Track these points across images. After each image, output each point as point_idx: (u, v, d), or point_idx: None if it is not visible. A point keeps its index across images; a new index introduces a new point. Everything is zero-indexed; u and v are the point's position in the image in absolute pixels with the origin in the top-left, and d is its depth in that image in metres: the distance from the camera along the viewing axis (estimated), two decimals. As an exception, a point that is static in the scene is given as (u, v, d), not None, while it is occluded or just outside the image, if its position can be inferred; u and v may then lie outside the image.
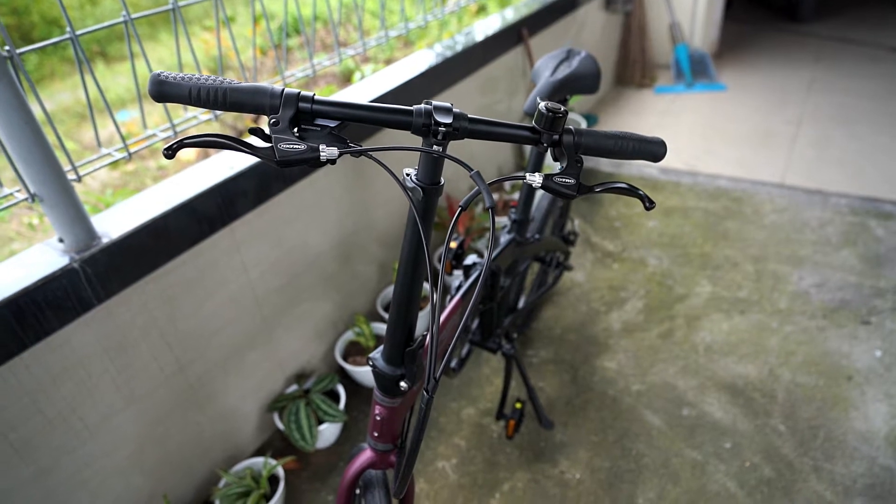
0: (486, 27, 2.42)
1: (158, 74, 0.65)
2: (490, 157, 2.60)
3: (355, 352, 1.86)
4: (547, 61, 1.38)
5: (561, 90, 1.29)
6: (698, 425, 1.69)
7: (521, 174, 0.73)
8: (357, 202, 1.83)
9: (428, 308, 1.99)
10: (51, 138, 1.10)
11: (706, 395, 1.77)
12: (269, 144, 0.66)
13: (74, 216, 1.15)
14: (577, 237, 1.98)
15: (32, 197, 1.10)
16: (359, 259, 1.91)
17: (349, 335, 1.88)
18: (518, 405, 1.57)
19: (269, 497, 1.47)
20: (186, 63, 3.43)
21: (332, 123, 0.69)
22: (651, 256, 2.34)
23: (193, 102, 0.66)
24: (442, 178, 0.77)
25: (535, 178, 0.73)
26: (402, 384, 0.90)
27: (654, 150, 0.77)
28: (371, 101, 0.78)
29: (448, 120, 0.69)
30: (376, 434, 0.96)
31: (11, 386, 1.09)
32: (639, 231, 2.49)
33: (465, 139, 0.72)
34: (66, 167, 1.15)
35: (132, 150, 1.26)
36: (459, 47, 2.16)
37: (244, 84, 0.66)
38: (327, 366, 1.89)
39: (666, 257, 2.33)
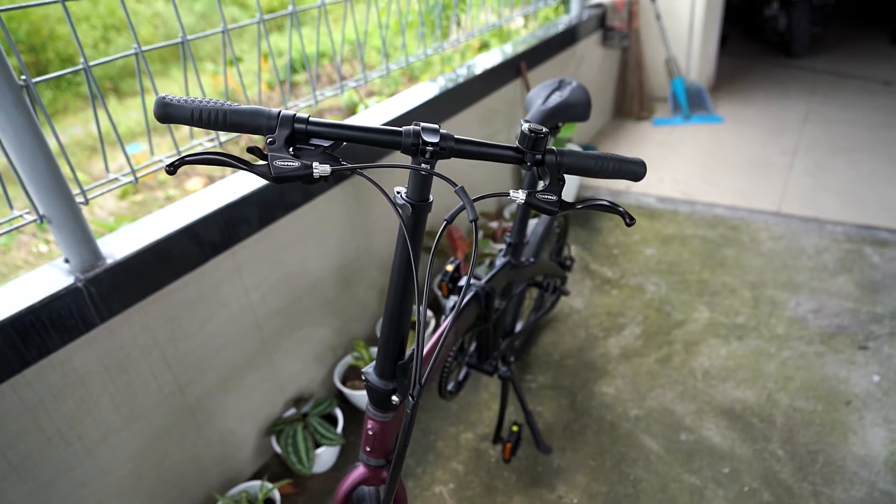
0: (485, 61, 2.50)
1: (164, 97, 0.70)
2: (489, 186, 2.65)
3: (354, 376, 1.87)
4: (539, 91, 1.44)
5: (552, 118, 1.34)
6: (696, 450, 1.68)
7: (506, 192, 0.76)
8: (357, 228, 1.87)
9: (430, 329, 2.00)
10: (63, 168, 1.15)
11: (704, 419, 1.77)
12: (265, 162, 0.70)
13: (80, 237, 1.19)
14: (573, 262, 2.01)
15: (41, 218, 1.14)
16: (359, 284, 1.94)
17: (348, 359, 1.90)
18: (515, 428, 1.57)
19: (264, 520, 1.47)
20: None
21: (326, 143, 0.73)
22: (649, 283, 2.36)
23: (195, 123, 0.70)
24: (431, 196, 0.80)
25: (519, 195, 0.76)
26: (394, 398, 0.92)
27: (633, 169, 0.81)
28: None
29: (435, 140, 0.73)
30: (368, 449, 0.97)
31: (13, 402, 1.12)
32: (637, 258, 2.52)
33: (456, 162, 0.76)
34: (75, 191, 1.19)
35: (139, 174, 1.31)
36: (460, 80, 2.23)
37: (243, 106, 0.71)
38: (326, 390, 1.90)
39: (664, 284, 2.35)
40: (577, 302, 2.29)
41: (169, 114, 0.70)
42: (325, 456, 1.65)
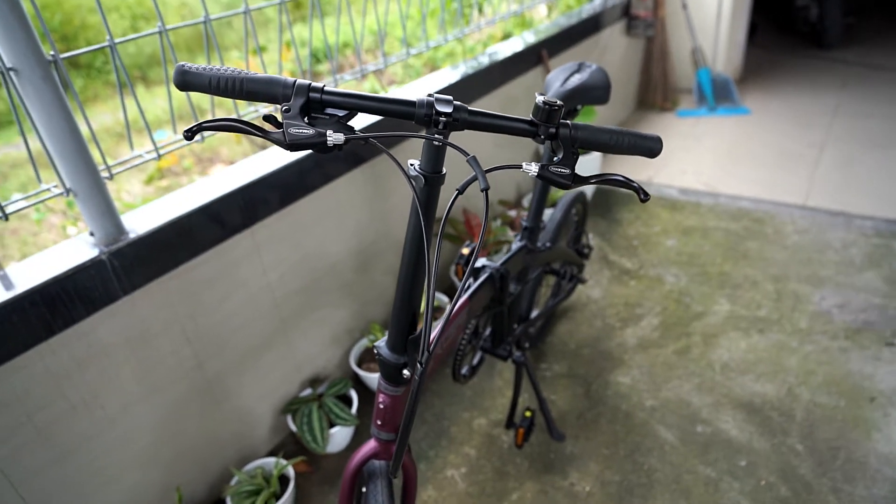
0: (506, 48, 2.49)
1: (183, 65, 0.71)
2: (510, 176, 2.64)
3: (370, 359, 1.89)
4: (558, 73, 1.42)
5: (570, 99, 1.33)
6: (712, 442, 1.66)
7: (518, 164, 0.76)
8: (376, 212, 1.88)
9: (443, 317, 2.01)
10: (91, 149, 1.18)
11: (721, 412, 1.75)
12: (280, 130, 0.70)
13: (105, 211, 1.22)
14: (591, 251, 1.99)
15: (68, 191, 1.17)
16: (377, 269, 1.96)
17: (364, 342, 1.91)
18: (528, 414, 1.57)
19: (278, 496, 1.49)
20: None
21: (341, 113, 0.74)
22: (669, 275, 2.33)
23: (213, 91, 0.71)
24: (444, 169, 0.81)
25: (532, 168, 0.76)
26: (405, 372, 0.92)
27: (649, 145, 0.80)
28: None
29: (448, 110, 0.73)
30: (379, 423, 0.98)
31: (39, 370, 1.15)
32: (657, 250, 2.49)
33: (475, 145, 0.76)
34: (100, 166, 1.22)
35: (162, 151, 1.33)
36: (481, 66, 2.22)
37: (260, 75, 0.72)
38: (342, 371, 1.92)
39: (684, 276, 2.32)
40: (595, 292, 2.28)
41: (188, 81, 0.71)
42: (340, 436, 1.67)
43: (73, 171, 1.16)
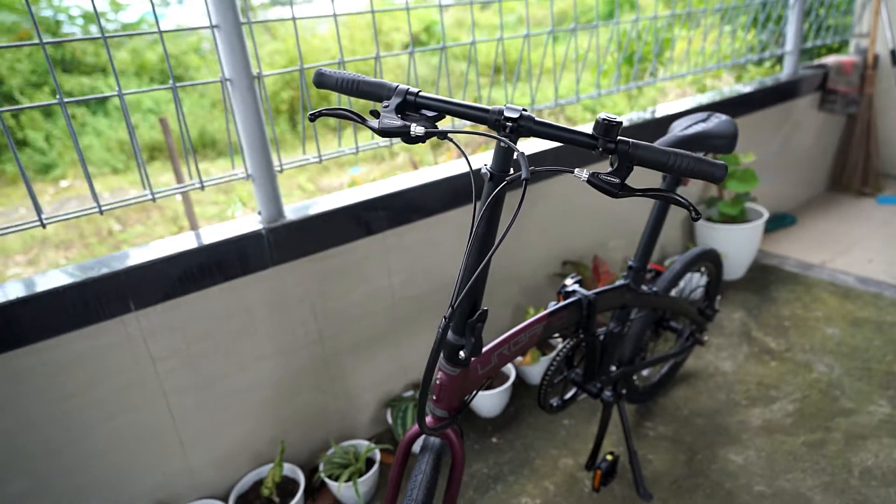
0: (670, 107, 2.50)
1: (321, 69, 0.94)
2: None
3: (472, 377, 1.98)
4: (684, 121, 1.45)
5: (688, 145, 1.35)
6: (829, 549, 1.44)
7: (570, 168, 0.84)
8: (501, 246, 2.01)
9: (552, 354, 2.04)
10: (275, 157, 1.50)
11: (850, 520, 1.50)
12: (378, 120, 0.88)
13: (272, 196, 1.53)
14: (715, 313, 1.88)
15: (248, 176, 1.51)
16: (495, 297, 2.07)
17: (471, 362, 2.01)
18: (609, 457, 1.53)
19: (362, 474, 1.63)
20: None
21: (431, 114, 0.90)
22: (820, 363, 2.07)
23: (337, 88, 0.93)
24: (511, 169, 0.92)
25: (583, 173, 0.84)
26: (461, 353, 1.02)
27: (709, 170, 0.82)
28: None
29: (514, 116, 0.85)
30: (435, 398, 1.08)
31: (199, 310, 1.46)
32: (812, 335, 2.23)
33: (619, 205, 0.86)
34: (275, 163, 1.54)
35: (323, 157, 1.63)
36: (637, 120, 2.28)
37: (373, 79, 0.91)
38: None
39: (839, 367, 2.04)
40: (726, 365, 2.11)
41: (322, 81, 0.94)
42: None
43: (254, 162, 1.49)
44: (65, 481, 1.37)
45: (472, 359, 1.11)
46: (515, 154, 0.82)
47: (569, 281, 1.47)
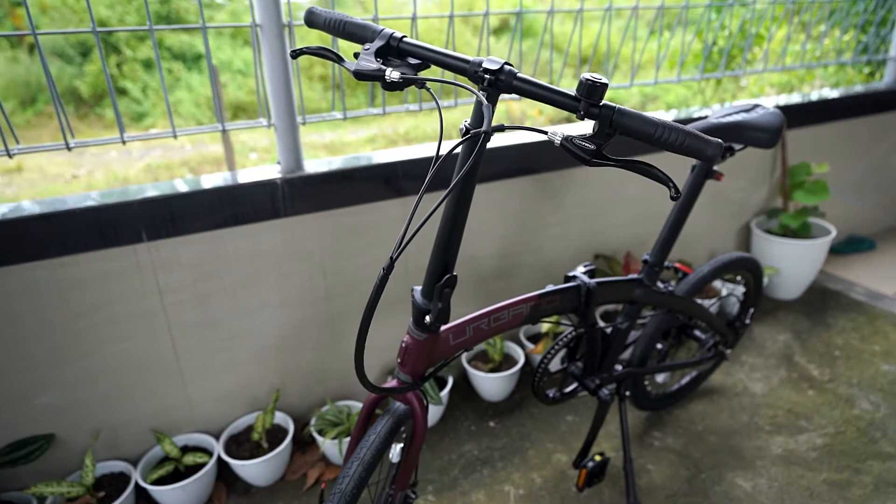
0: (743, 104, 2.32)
1: (313, 8, 0.92)
2: (704, 238, 2.43)
3: (480, 358, 1.94)
4: (726, 108, 1.33)
5: (723, 134, 1.23)
6: None
7: (543, 129, 0.78)
8: (527, 225, 1.95)
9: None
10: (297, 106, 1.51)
11: (860, 571, 1.35)
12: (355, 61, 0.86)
13: (292, 147, 1.54)
14: (745, 328, 1.73)
15: (271, 125, 1.52)
16: (516, 279, 2.01)
17: (481, 344, 1.97)
18: (598, 458, 1.45)
19: (349, 435, 1.64)
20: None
21: (416, 62, 0.86)
22: (865, 400, 1.88)
23: (325, 28, 0.91)
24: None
25: (557, 135, 0.77)
26: (427, 318, 0.99)
27: (701, 146, 0.74)
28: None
29: (493, 67, 0.80)
30: (400, 361, 1.05)
31: (211, 250, 1.50)
32: (863, 369, 2.02)
33: (624, 183, 0.81)
34: (298, 115, 1.55)
35: (348, 115, 1.62)
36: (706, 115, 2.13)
37: (359, 19, 0.88)
38: (454, 362, 2.01)
39: (886, 407, 1.84)
40: (757, 386, 1.95)
41: (312, 20, 0.92)
42: (423, 411, 1.76)
43: (278, 111, 1.50)
44: (67, 392, 1.46)
45: (443, 327, 1.07)
46: (481, 106, 0.77)
47: (580, 268, 1.39)
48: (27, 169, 6.07)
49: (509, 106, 6.20)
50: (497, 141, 1.81)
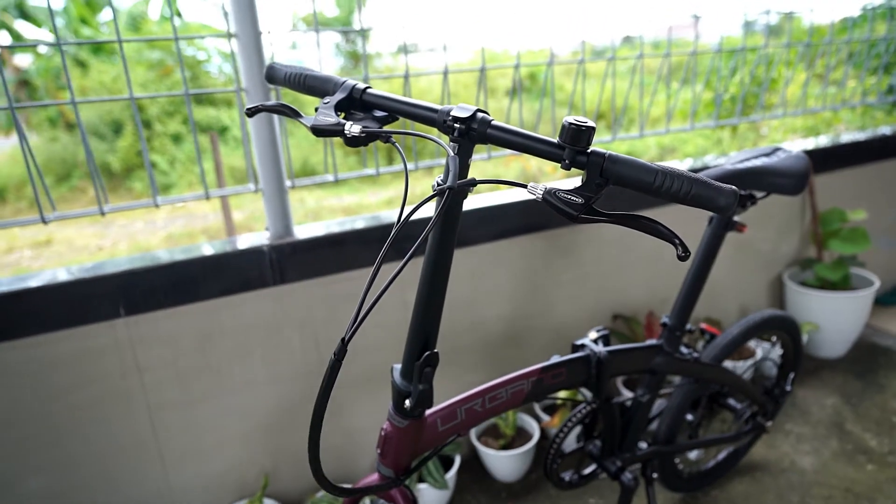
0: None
1: (273, 63, 0.85)
2: (733, 292, 2.26)
3: (490, 434, 1.77)
4: (744, 153, 1.21)
5: (740, 180, 1.11)
6: None
7: (522, 183, 0.67)
8: (538, 286, 1.82)
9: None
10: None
11: None
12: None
13: (280, 213, 1.47)
14: (786, 395, 1.54)
15: (258, 189, 1.46)
16: (527, 345, 1.86)
17: (492, 418, 1.81)
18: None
19: (346, 526, 1.47)
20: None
21: (382, 114, 0.78)
22: (936, 475, 1.64)
23: (286, 83, 0.83)
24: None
25: (538, 191, 0.66)
26: (407, 402, 0.86)
27: (712, 196, 0.62)
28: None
29: (463, 115, 0.70)
30: (380, 452, 0.92)
31: (194, 323, 1.41)
32: (929, 438, 1.78)
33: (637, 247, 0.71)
34: (287, 181, 1.48)
35: (340, 177, 1.55)
36: (724, 163, 2.01)
37: (320, 73, 0.81)
38: (462, 439, 1.84)
39: (962, 484, 1.60)
40: (806, 460, 1.73)
41: (272, 76, 0.85)
42: (428, 495, 1.59)
43: (266, 176, 1.44)
44: (41, 478, 1.34)
45: (429, 410, 0.93)
46: (447, 159, 0.67)
47: (592, 333, 1.25)
48: (56, 241, 6.22)
49: (524, 163, 6.16)
50: (498, 197, 1.71)
